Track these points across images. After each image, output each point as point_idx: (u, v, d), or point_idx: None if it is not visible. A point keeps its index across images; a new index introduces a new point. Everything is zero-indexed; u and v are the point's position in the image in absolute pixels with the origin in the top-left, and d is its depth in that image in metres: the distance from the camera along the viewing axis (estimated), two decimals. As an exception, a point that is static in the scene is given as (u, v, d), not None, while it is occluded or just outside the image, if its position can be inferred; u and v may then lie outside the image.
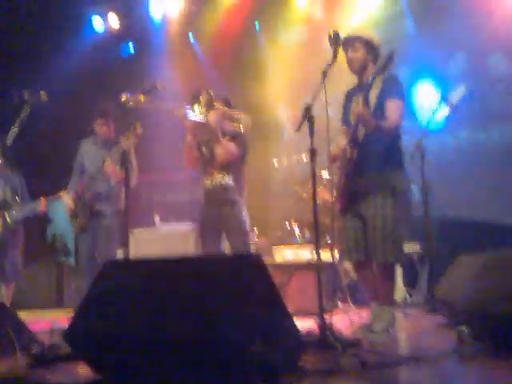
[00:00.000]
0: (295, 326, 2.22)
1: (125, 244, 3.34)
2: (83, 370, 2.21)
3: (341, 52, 3.11)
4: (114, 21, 6.88)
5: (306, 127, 2.90)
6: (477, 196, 5.07)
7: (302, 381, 2.11)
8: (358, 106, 2.96)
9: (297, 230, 5.23)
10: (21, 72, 6.13)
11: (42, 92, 3.80)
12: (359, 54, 3.18)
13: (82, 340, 2.11)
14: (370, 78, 3.18)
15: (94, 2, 6.84)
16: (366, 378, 2.14)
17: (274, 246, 5.16)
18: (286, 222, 5.49)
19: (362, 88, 3.20)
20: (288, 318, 2.21)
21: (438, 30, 5.60)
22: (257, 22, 6.74)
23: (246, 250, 3.64)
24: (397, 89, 3.14)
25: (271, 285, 2.18)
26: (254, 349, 1.94)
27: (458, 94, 3.74)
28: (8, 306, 3.73)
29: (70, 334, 2.15)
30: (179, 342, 1.97)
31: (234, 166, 3.70)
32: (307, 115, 2.88)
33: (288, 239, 5.39)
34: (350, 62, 3.22)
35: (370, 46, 3.20)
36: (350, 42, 3.18)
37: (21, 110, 3.74)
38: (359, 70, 3.23)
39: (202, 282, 2.09)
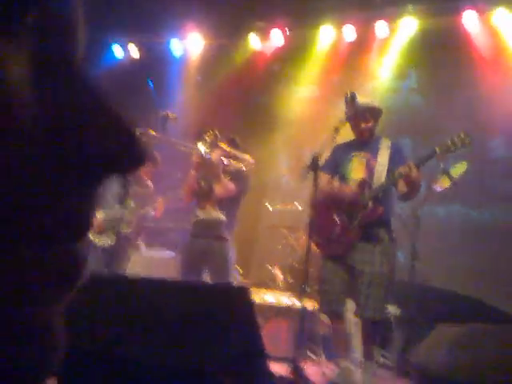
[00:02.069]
0: (269, 368, 2.22)
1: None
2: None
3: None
4: (134, 51, 7.05)
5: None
6: (461, 270, 5.14)
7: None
8: (411, 170, 3.03)
9: (279, 275, 5.23)
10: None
11: None
12: (370, 124, 3.32)
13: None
14: (375, 141, 3.32)
15: (114, 31, 6.99)
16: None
17: (255, 288, 5.16)
18: (269, 266, 5.50)
19: (365, 148, 3.33)
20: (264, 358, 2.21)
21: (443, 105, 5.82)
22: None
23: None
24: (405, 158, 3.27)
25: (254, 322, 2.20)
26: (225, 381, 1.94)
27: (458, 169, 3.85)
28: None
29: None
30: (150, 363, 1.96)
31: (229, 204, 3.77)
32: (314, 164, 2.96)
33: (270, 283, 5.38)
34: (361, 131, 3.33)
35: (378, 115, 3.37)
36: (363, 113, 3.32)
37: None
38: (367, 136, 3.34)
39: (187, 307, 2.10)
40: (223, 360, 1.97)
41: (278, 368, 3.47)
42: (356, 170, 3.31)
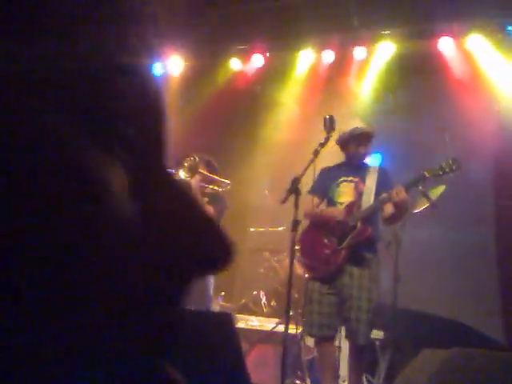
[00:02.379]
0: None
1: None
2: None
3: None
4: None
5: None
6: (445, 292, 5.14)
7: None
8: (401, 192, 3.09)
9: (263, 300, 5.17)
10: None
11: None
12: (368, 148, 3.39)
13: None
14: (363, 165, 3.41)
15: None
16: None
17: (238, 314, 5.09)
18: (254, 291, 5.44)
19: (353, 172, 3.39)
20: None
21: (420, 127, 5.90)
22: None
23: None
24: (392, 182, 3.31)
25: (239, 349, 2.15)
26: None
27: (437, 191, 3.87)
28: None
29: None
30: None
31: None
32: (294, 187, 2.95)
33: (254, 308, 5.32)
34: (358, 155, 3.38)
35: (371, 140, 3.45)
36: (359, 138, 3.39)
37: None
38: (361, 160, 3.39)
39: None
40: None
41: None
42: (345, 194, 3.37)
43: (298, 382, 4.26)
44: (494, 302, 5.11)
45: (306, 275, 3.47)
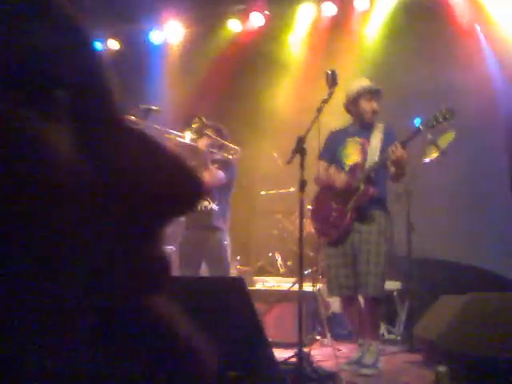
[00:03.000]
0: (274, 355, 2.21)
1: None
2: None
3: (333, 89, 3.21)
4: (113, 45, 6.96)
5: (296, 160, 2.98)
6: (459, 238, 5.14)
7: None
8: (397, 149, 3.06)
9: (279, 261, 5.22)
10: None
11: None
12: (375, 105, 3.36)
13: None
14: (370, 125, 3.37)
15: (94, 27, 6.90)
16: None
17: (256, 276, 5.16)
18: (269, 253, 5.49)
19: (359, 133, 3.37)
20: (267, 347, 2.20)
21: (423, 74, 5.79)
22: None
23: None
24: (396, 139, 3.27)
25: (253, 311, 2.18)
26: (229, 375, 1.92)
27: (446, 138, 3.82)
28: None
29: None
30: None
31: (220, 192, 3.73)
32: (299, 147, 2.93)
33: (270, 269, 5.38)
34: (372, 112, 3.34)
35: (380, 97, 3.41)
36: (377, 94, 3.34)
37: None
38: (372, 118, 3.37)
39: (182, 302, 2.09)
40: (224, 352, 1.96)
41: (283, 354, 3.47)
42: (351, 155, 3.34)
43: (318, 337, 4.34)
44: (511, 243, 5.10)
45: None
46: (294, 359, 2.70)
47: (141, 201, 0.29)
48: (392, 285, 4.76)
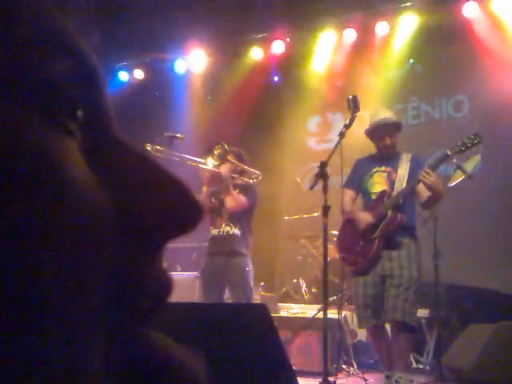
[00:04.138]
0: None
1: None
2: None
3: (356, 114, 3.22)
4: (139, 74, 7.13)
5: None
6: (487, 264, 5.02)
7: None
8: (431, 176, 3.04)
9: (304, 287, 5.17)
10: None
11: None
12: (393, 139, 3.34)
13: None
14: (396, 155, 3.38)
15: (120, 58, 7.09)
16: None
17: (280, 303, 5.10)
18: (294, 278, 5.44)
19: (386, 163, 3.37)
20: (292, 376, 2.16)
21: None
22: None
23: None
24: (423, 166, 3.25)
25: (276, 339, 2.15)
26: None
27: (472, 163, 3.77)
28: None
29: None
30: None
31: (242, 217, 3.73)
32: (322, 172, 2.92)
33: (295, 295, 5.32)
34: (384, 146, 3.34)
35: (398, 130, 3.40)
36: (384, 128, 3.33)
37: None
38: (390, 151, 3.37)
39: (205, 329, 2.07)
40: (248, 381, 1.93)
41: (310, 383, 3.41)
42: (378, 184, 3.33)
43: (344, 366, 4.25)
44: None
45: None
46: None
47: (145, 226, 0.29)
48: (420, 312, 4.65)
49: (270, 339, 2.11)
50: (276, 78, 6.84)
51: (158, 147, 3.46)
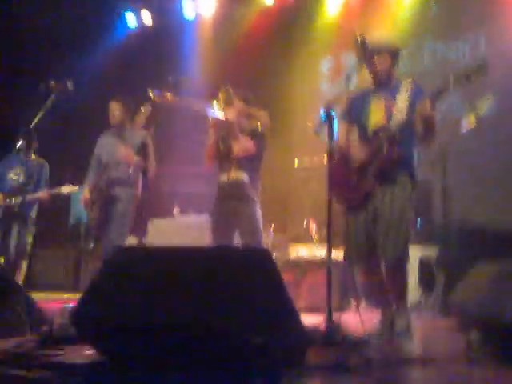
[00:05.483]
0: (300, 321, 2.21)
1: (139, 232, 3.38)
2: (89, 350, 2.26)
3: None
4: (147, 17, 6.98)
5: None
6: (499, 203, 4.98)
7: (304, 377, 2.12)
8: (425, 107, 2.84)
9: (314, 229, 5.22)
10: (53, 62, 6.29)
11: (68, 81, 3.86)
12: (386, 64, 3.14)
13: (85, 322, 2.16)
14: (394, 84, 3.16)
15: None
16: (371, 376, 2.14)
17: (291, 244, 5.18)
18: (304, 220, 5.49)
19: (383, 92, 3.15)
20: (293, 313, 2.21)
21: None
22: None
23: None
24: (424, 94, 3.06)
25: (278, 279, 2.19)
26: (255, 341, 1.94)
27: (484, 104, 3.66)
28: (20, 284, 3.85)
29: (75, 316, 2.19)
30: (182, 328, 2.00)
31: (250, 162, 3.70)
32: (327, 115, 2.86)
33: (305, 237, 5.39)
34: (377, 72, 3.15)
35: (395, 54, 3.18)
36: (378, 53, 3.13)
37: (47, 98, 3.82)
38: (384, 78, 3.17)
39: (209, 272, 2.12)
40: (250, 320, 1.98)
41: (316, 320, 3.50)
42: (374, 115, 3.12)
43: (352, 302, 4.35)
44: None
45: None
46: (323, 326, 2.71)
47: None
48: (429, 250, 4.69)
49: (271, 282, 2.15)
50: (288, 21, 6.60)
51: (160, 94, 3.41)
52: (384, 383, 2.07)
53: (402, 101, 3.05)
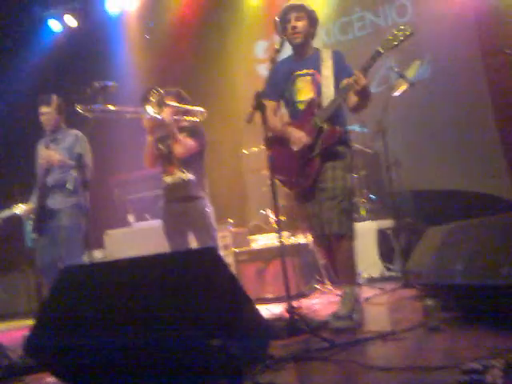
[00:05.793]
0: (260, 315, 2.20)
1: (90, 246, 3.29)
2: (51, 378, 2.21)
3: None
4: (71, 21, 6.81)
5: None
6: (446, 167, 5.10)
7: (268, 370, 2.12)
8: (360, 78, 2.75)
9: (272, 217, 5.22)
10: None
11: None
12: (300, 24, 3.04)
13: (40, 351, 2.10)
14: (314, 53, 3.09)
15: (47, 6, 6.74)
16: (334, 360, 2.15)
17: (252, 236, 5.18)
18: (262, 210, 5.49)
19: (306, 64, 3.08)
20: (251, 308, 2.20)
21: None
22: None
23: (214, 245, 3.61)
24: (349, 66, 3.05)
25: (229, 276, 2.17)
26: (213, 343, 1.93)
27: (413, 69, 3.73)
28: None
29: (29, 346, 2.13)
30: (140, 344, 1.96)
31: (193, 161, 3.65)
32: (258, 103, 2.84)
33: (265, 227, 5.39)
34: (292, 34, 3.04)
35: (310, 17, 3.08)
36: (295, 9, 3.03)
37: None
38: (303, 41, 3.08)
39: (157, 280, 2.08)
40: (206, 323, 1.96)
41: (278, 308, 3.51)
42: (303, 91, 3.05)
43: (317, 285, 4.39)
44: (500, 164, 5.05)
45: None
46: (285, 313, 2.71)
47: None
48: (385, 223, 4.76)
49: (222, 280, 2.13)
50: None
51: (90, 107, 3.29)
52: (347, 364, 2.09)
53: (327, 73, 2.99)
